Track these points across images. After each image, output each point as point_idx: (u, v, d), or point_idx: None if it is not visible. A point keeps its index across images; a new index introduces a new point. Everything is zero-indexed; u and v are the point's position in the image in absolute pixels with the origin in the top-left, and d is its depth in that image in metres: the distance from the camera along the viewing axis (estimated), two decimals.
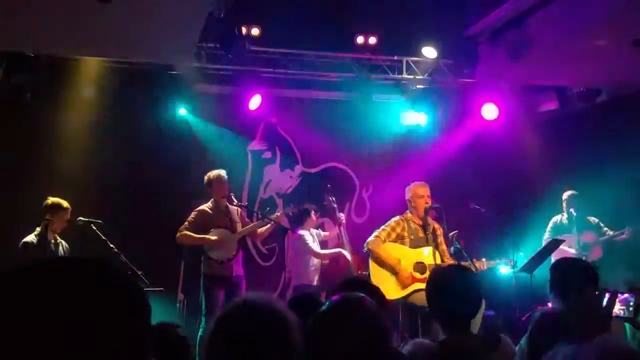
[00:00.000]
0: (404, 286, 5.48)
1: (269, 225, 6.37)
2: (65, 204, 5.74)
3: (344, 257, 6.56)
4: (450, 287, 2.50)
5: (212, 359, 1.57)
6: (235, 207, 6.41)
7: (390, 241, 5.65)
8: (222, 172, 6.29)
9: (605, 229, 7.19)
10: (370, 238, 5.69)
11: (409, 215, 5.78)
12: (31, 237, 5.61)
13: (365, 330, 1.71)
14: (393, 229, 5.70)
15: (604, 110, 7.98)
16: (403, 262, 5.54)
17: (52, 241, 5.73)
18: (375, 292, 2.76)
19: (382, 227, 5.76)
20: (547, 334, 2.09)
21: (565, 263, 3.26)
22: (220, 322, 1.58)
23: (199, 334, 5.54)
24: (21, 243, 5.61)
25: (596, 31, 5.95)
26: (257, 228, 6.41)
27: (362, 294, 1.90)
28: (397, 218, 5.79)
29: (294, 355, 1.55)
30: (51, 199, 5.72)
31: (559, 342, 1.79)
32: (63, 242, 5.88)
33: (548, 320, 2.18)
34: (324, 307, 1.79)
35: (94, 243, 5.78)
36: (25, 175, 6.76)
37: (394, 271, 5.53)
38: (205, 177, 6.30)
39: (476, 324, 4.46)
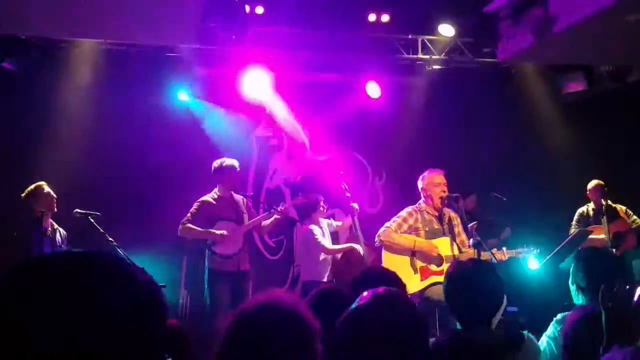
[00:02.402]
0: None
1: (273, 217, 6.33)
2: (39, 183, 5.75)
3: (357, 251, 6.55)
4: (469, 282, 2.49)
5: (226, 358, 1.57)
6: (241, 197, 6.39)
7: (402, 233, 5.63)
8: (236, 162, 6.25)
9: (634, 217, 7.17)
10: (381, 230, 5.63)
11: (423, 205, 5.70)
12: (26, 226, 5.68)
13: (404, 324, 1.72)
14: (405, 220, 5.64)
15: (636, 89, 7.90)
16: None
17: (49, 228, 5.79)
18: (395, 281, 2.77)
19: (394, 218, 5.70)
20: (590, 337, 2.06)
21: (591, 253, 3.17)
22: (240, 322, 1.57)
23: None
24: (17, 232, 5.68)
25: (627, 5, 5.87)
26: (264, 220, 6.35)
27: (394, 289, 1.93)
28: (409, 209, 5.71)
29: None
30: (28, 188, 5.72)
31: (605, 346, 1.77)
32: (60, 229, 5.93)
33: (590, 321, 2.15)
34: (357, 305, 1.80)
35: (91, 236, 5.81)
36: (18, 164, 6.80)
37: (412, 252, 5.47)
38: (217, 163, 6.18)
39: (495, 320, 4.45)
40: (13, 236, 5.68)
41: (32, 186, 5.76)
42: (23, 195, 5.74)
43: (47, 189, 5.76)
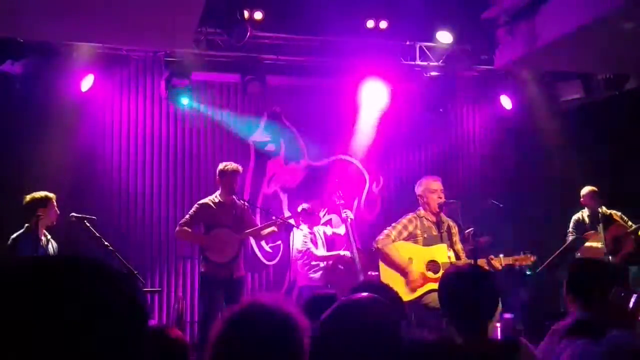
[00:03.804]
0: (414, 288, 5.45)
1: (271, 229, 6.32)
2: (49, 193, 5.71)
3: (345, 257, 6.59)
4: (463, 288, 2.49)
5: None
6: (242, 203, 6.37)
7: (401, 240, 5.64)
8: (239, 168, 6.26)
9: (630, 223, 7.20)
10: (380, 236, 5.66)
11: (422, 212, 5.74)
12: (21, 234, 5.63)
13: (377, 328, 1.75)
14: (405, 227, 5.67)
15: (633, 97, 7.93)
16: (415, 261, 5.51)
17: (43, 238, 5.75)
18: (389, 292, 2.79)
19: (394, 224, 5.72)
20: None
21: (587, 264, 3.20)
22: (228, 324, 1.58)
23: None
24: (10, 240, 5.63)
25: (623, 14, 5.90)
26: (263, 230, 6.30)
27: (372, 294, 1.94)
28: (409, 216, 5.75)
29: None
30: (37, 194, 5.66)
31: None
32: (52, 241, 5.88)
33: (583, 330, 2.16)
34: (332, 310, 1.82)
35: (87, 240, 5.79)
36: (14, 169, 6.79)
37: (403, 272, 5.49)
38: (221, 166, 6.18)
39: (491, 327, 4.45)
40: (5, 243, 5.63)
41: (42, 194, 5.68)
42: (27, 200, 5.67)
43: (54, 201, 5.73)
